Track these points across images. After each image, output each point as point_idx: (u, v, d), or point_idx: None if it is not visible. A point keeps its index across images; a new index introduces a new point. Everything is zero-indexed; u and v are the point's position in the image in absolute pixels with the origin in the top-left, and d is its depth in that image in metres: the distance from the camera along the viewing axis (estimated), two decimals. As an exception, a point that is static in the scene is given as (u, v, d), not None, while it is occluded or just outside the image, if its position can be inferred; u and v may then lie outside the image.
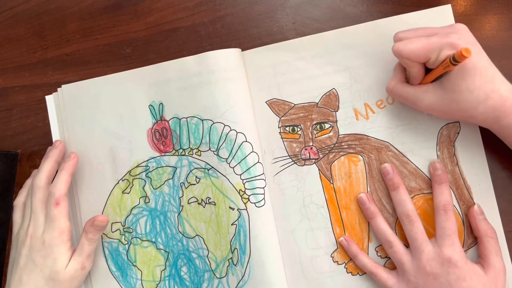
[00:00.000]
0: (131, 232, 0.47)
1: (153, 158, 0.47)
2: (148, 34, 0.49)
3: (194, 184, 0.46)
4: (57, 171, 0.45)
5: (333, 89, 0.45)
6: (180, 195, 0.46)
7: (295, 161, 0.45)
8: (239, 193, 0.44)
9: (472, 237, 0.43)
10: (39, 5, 0.51)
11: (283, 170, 0.45)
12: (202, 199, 0.45)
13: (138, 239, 0.47)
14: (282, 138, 0.45)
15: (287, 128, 0.45)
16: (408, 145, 0.44)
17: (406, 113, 0.44)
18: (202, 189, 0.45)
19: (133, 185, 0.47)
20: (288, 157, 0.45)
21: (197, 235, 0.46)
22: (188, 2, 0.49)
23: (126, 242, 0.47)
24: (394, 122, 0.44)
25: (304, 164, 0.45)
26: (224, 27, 0.48)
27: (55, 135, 0.49)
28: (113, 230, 0.47)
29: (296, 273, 0.44)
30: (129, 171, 0.47)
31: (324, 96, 0.45)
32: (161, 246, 0.47)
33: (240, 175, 0.44)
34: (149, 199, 0.47)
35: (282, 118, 0.45)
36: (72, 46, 0.50)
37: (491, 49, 0.45)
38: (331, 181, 0.44)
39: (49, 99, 0.49)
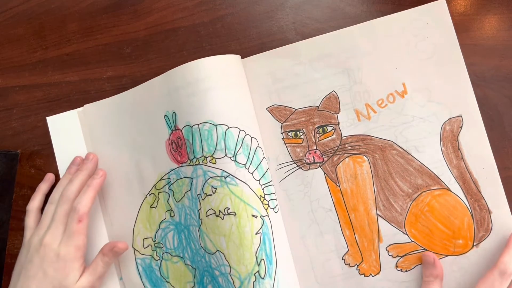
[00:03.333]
0: (161, 247, 0.46)
1: (173, 170, 0.45)
2: (148, 34, 0.49)
3: (211, 195, 0.43)
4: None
5: (333, 92, 0.45)
6: (198, 208, 0.44)
7: (300, 166, 0.45)
8: (259, 199, 0.43)
9: (482, 231, 0.43)
10: (39, 5, 0.51)
11: (289, 175, 0.45)
12: (220, 211, 0.43)
13: (168, 254, 0.46)
14: (285, 143, 0.45)
15: (290, 133, 0.45)
16: (412, 143, 0.44)
17: (408, 110, 0.44)
18: (219, 200, 0.43)
19: (159, 198, 0.46)
20: (293, 162, 0.45)
21: (217, 250, 0.43)
22: (188, 2, 0.49)
23: (158, 258, 0.46)
24: (396, 120, 0.44)
25: (309, 168, 0.45)
26: (224, 27, 0.48)
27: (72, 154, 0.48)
28: (145, 246, 0.47)
29: (309, 279, 0.44)
30: (155, 185, 0.46)
31: (324, 99, 0.45)
32: (188, 262, 0.46)
33: (259, 180, 0.43)
34: (173, 213, 0.46)
35: (284, 124, 0.45)
36: (72, 46, 0.50)
37: (491, 49, 0.45)
38: (338, 184, 0.44)
39: (51, 120, 0.49)
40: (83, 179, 0.45)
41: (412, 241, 0.43)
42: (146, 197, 0.47)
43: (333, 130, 0.45)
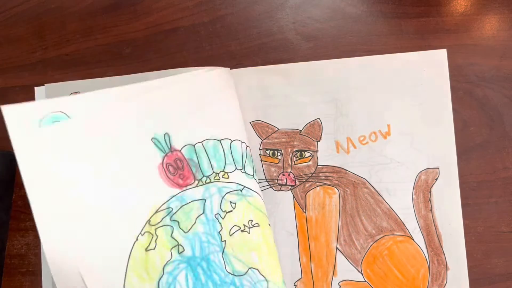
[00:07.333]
0: None
1: (174, 196, 0.39)
2: (148, 34, 0.49)
3: (231, 211, 0.41)
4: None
5: (318, 119, 0.45)
6: (219, 229, 0.40)
7: (271, 186, 0.45)
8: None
9: (436, 285, 0.43)
10: (39, 5, 0.51)
11: None
12: (244, 225, 0.41)
13: None
14: (261, 160, 0.45)
15: (268, 152, 0.45)
16: (384, 185, 0.44)
17: (388, 152, 0.44)
18: (241, 214, 0.41)
19: (157, 236, 0.38)
20: (265, 180, 0.45)
21: (249, 268, 0.40)
22: (188, 2, 0.49)
23: None
24: (374, 159, 0.44)
25: (280, 190, 0.45)
26: (224, 27, 0.48)
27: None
28: None
29: None
30: (148, 221, 0.38)
31: (308, 124, 0.45)
32: None
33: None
34: (183, 248, 0.39)
35: (264, 140, 0.46)
36: (72, 46, 0.50)
37: (492, 49, 0.45)
38: (304, 210, 0.44)
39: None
40: None
41: (365, 281, 0.43)
42: (137, 240, 0.38)
43: (310, 157, 0.44)
